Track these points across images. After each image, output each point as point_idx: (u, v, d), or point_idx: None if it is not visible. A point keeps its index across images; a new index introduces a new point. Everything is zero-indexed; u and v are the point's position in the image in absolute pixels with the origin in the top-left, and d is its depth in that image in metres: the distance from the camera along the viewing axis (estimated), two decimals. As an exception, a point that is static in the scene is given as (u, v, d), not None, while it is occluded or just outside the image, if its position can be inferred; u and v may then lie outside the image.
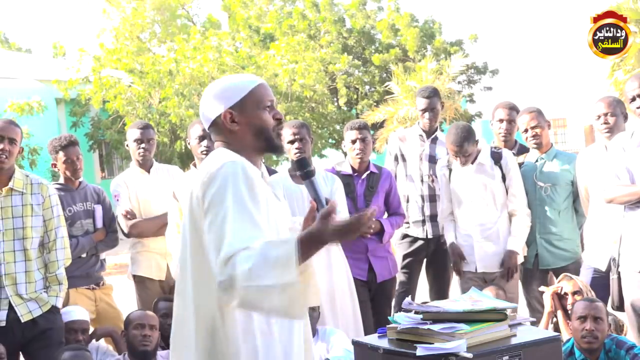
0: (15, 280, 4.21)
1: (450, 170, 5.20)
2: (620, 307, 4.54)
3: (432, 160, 5.60)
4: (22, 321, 4.22)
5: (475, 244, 5.11)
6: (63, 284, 4.44)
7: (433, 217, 5.57)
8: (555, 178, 5.13)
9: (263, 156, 2.69)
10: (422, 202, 5.61)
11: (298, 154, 4.86)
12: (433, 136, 5.69)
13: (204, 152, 5.00)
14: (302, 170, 2.58)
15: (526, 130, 5.18)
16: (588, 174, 4.96)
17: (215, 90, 2.63)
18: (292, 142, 4.86)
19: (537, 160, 5.22)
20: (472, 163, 5.11)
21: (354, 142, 5.11)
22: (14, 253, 4.22)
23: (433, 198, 5.55)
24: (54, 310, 4.38)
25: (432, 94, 5.68)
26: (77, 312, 4.86)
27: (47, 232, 4.37)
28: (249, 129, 2.58)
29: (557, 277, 5.14)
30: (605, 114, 4.82)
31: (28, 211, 4.26)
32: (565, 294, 4.55)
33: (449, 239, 5.24)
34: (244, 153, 2.57)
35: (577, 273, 4.91)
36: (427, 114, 5.64)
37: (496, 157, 5.11)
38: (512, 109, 5.45)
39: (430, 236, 5.61)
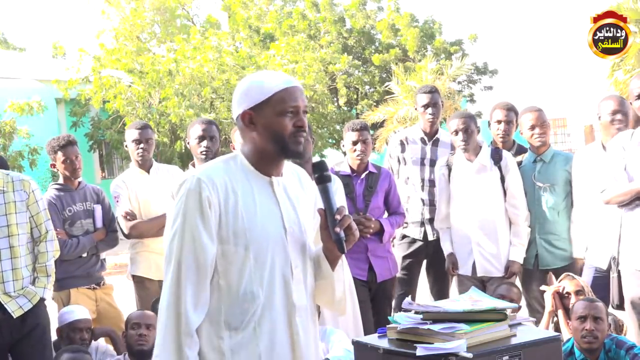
0: (2, 279, 4.19)
1: (450, 169, 5.18)
2: (620, 305, 4.54)
3: (434, 164, 5.53)
4: (14, 317, 4.20)
5: (474, 247, 5.09)
6: (51, 276, 4.43)
7: (432, 220, 5.54)
8: (554, 178, 5.13)
9: (282, 162, 2.63)
10: (422, 205, 5.60)
11: (299, 154, 4.86)
12: (434, 139, 5.66)
13: (203, 152, 5.00)
14: (319, 173, 2.56)
15: (533, 128, 5.15)
16: (586, 173, 4.95)
17: (242, 88, 2.60)
18: (293, 142, 4.86)
19: (534, 161, 5.21)
20: (472, 162, 5.09)
21: (354, 143, 5.10)
22: (0, 251, 4.21)
23: (433, 202, 5.52)
24: (41, 303, 4.37)
25: (434, 90, 5.67)
26: (80, 311, 4.87)
27: (37, 226, 4.37)
28: (265, 132, 2.54)
29: (556, 277, 5.14)
30: (619, 111, 4.80)
31: (11, 208, 4.24)
32: (568, 293, 4.54)
33: (447, 249, 5.24)
34: (257, 156, 2.57)
35: (577, 273, 4.90)
36: (429, 110, 5.59)
37: (496, 158, 5.10)
38: (510, 109, 5.43)
39: (429, 238, 5.60)
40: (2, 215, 4.21)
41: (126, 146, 5.53)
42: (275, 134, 2.53)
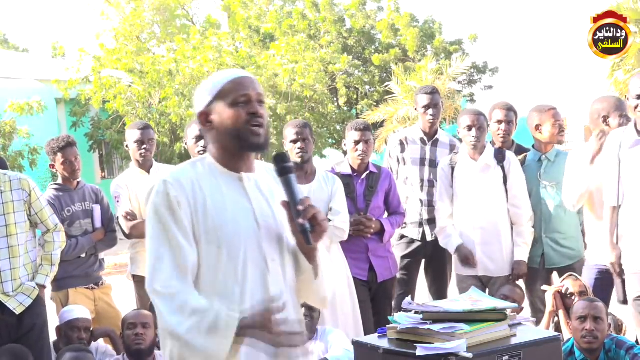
0: (1, 279, 4.19)
1: (453, 169, 5.17)
2: (625, 301, 4.53)
3: (433, 164, 5.54)
4: (17, 314, 4.21)
5: (477, 247, 5.08)
6: (55, 266, 4.44)
7: (431, 221, 5.54)
8: (559, 177, 5.11)
9: (247, 156, 2.57)
10: (420, 206, 5.59)
11: (300, 154, 4.87)
12: (434, 139, 5.66)
13: (201, 152, 5.01)
14: (280, 165, 2.51)
15: (554, 126, 5.15)
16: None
17: (197, 91, 2.60)
18: (294, 141, 4.87)
19: (539, 159, 5.21)
20: (477, 160, 5.09)
21: (357, 143, 5.09)
22: None
23: (431, 203, 5.52)
24: (39, 302, 4.37)
25: (434, 91, 5.65)
26: (79, 310, 4.88)
27: (43, 222, 4.39)
28: (221, 127, 2.52)
29: (560, 276, 5.13)
30: (623, 115, 4.80)
31: (10, 208, 4.24)
32: (571, 294, 4.53)
33: (455, 242, 5.13)
34: (221, 154, 2.55)
35: (582, 272, 4.90)
36: (430, 111, 5.56)
37: (499, 158, 5.09)
38: (510, 109, 5.42)
39: (428, 239, 5.59)
40: (0, 215, 4.20)
41: (127, 146, 5.52)
42: (230, 126, 2.50)
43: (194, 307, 2.37)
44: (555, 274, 5.28)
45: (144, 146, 5.37)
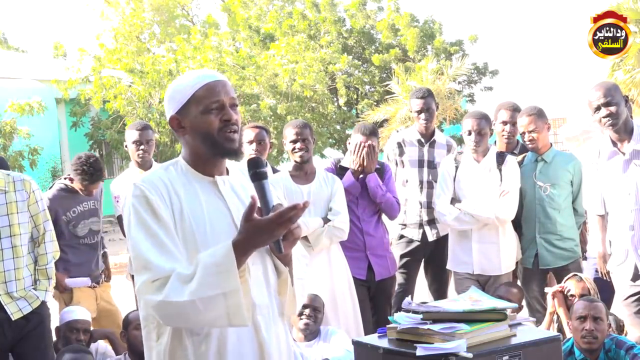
0: (4, 279, 4.19)
1: (457, 168, 5.17)
2: None
3: (432, 166, 5.57)
4: (13, 319, 4.19)
5: (473, 245, 5.10)
6: (52, 279, 4.43)
7: (430, 222, 5.55)
8: (555, 178, 5.13)
9: (221, 160, 2.52)
10: (419, 207, 5.60)
11: (300, 154, 4.87)
12: (431, 140, 5.66)
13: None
14: (254, 170, 2.45)
15: (523, 134, 5.18)
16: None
17: (167, 93, 2.54)
18: (294, 141, 4.87)
19: (536, 160, 5.21)
20: (479, 162, 5.09)
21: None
22: (2, 251, 4.20)
23: (430, 204, 5.52)
24: (43, 305, 4.37)
25: (426, 94, 5.64)
26: (79, 312, 4.89)
27: (36, 226, 4.37)
28: (194, 133, 2.46)
29: (556, 277, 5.14)
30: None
31: (13, 208, 4.24)
32: (572, 296, 4.52)
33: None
34: (194, 158, 2.50)
35: (578, 272, 4.90)
36: (422, 115, 5.60)
37: (499, 161, 5.10)
38: (515, 110, 5.41)
39: (429, 239, 5.60)
40: (4, 215, 4.20)
41: (126, 146, 5.55)
42: (203, 133, 2.44)
43: (187, 274, 2.26)
44: (552, 275, 5.29)
45: (142, 147, 5.40)
